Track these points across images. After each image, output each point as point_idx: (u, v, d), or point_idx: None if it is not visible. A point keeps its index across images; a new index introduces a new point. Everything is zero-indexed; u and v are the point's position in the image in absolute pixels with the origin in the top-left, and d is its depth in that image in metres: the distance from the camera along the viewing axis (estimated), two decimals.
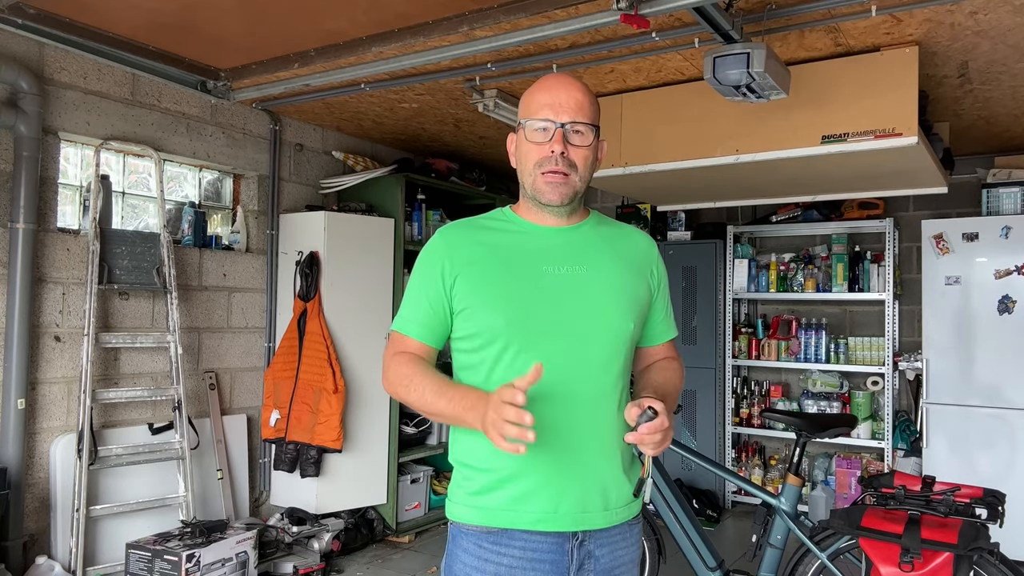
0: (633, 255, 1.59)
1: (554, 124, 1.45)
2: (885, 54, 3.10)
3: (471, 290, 1.47)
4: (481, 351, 1.47)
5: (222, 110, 4.13)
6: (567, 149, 1.46)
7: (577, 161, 1.47)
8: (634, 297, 1.53)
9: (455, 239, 1.53)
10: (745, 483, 3.06)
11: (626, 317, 1.50)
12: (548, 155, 1.45)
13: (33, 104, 3.24)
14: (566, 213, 1.53)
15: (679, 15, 2.82)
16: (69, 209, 3.62)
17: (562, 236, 1.54)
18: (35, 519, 3.33)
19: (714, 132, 3.46)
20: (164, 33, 3.31)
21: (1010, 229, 4.30)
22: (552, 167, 1.45)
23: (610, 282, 1.51)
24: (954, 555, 2.30)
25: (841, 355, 5.15)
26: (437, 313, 1.50)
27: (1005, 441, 4.25)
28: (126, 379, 3.69)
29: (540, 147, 1.47)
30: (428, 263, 1.53)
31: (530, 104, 1.50)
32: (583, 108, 1.48)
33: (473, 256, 1.50)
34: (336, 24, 3.13)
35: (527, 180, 1.50)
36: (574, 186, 1.48)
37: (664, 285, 1.65)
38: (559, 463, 1.44)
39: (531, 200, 1.53)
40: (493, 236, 1.54)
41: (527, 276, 1.47)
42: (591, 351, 1.46)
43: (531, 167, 1.48)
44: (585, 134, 1.48)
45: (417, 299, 1.52)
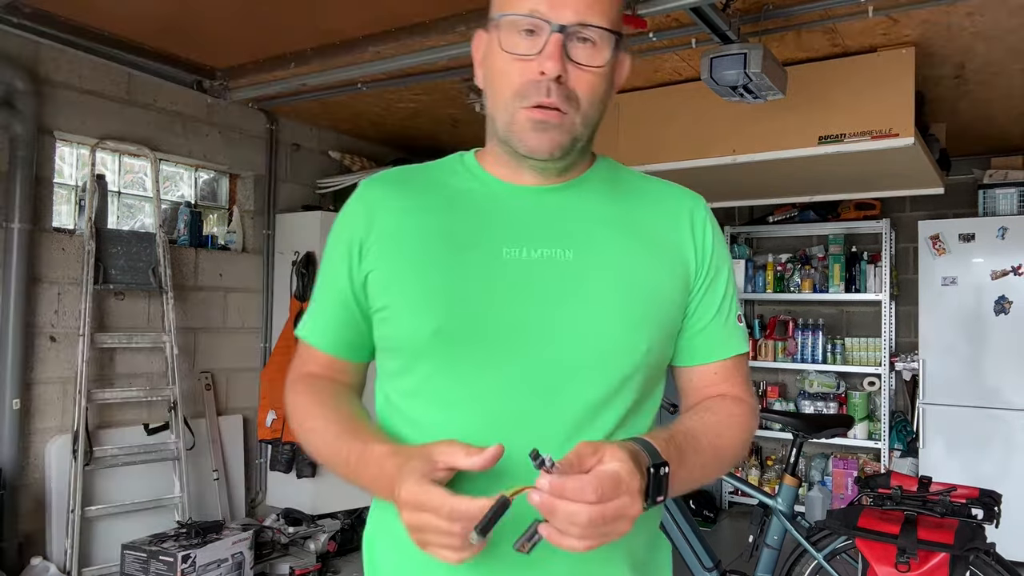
0: (659, 226, 1.01)
1: (548, 25, 0.89)
2: (882, 55, 3.10)
3: (390, 278, 0.96)
4: (402, 378, 0.97)
5: (218, 110, 4.12)
6: (567, 70, 0.90)
7: (581, 92, 0.91)
8: (654, 297, 0.96)
9: (379, 198, 1.01)
10: (742, 483, 3.06)
11: (637, 331, 0.94)
12: (536, 78, 0.89)
13: (28, 103, 3.23)
14: (556, 170, 0.98)
15: (676, 16, 2.82)
16: (65, 209, 3.61)
17: (541, 200, 0.98)
18: (30, 520, 3.31)
19: (711, 133, 3.47)
20: (160, 32, 3.31)
21: (1006, 230, 4.31)
22: (541, 99, 0.90)
23: (611, 274, 0.95)
24: (950, 555, 2.30)
25: (838, 356, 5.16)
26: (347, 308, 1.00)
27: (1002, 441, 4.26)
28: (122, 379, 3.67)
29: (523, 63, 0.90)
30: (337, 235, 1.02)
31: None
32: (599, 1, 0.91)
33: (401, 226, 0.97)
34: (333, 24, 3.12)
35: (500, 114, 0.94)
36: (573, 130, 0.93)
37: (721, 271, 1.03)
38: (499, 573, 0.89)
39: (503, 146, 0.96)
40: (437, 196, 1.00)
41: (476, 261, 0.93)
42: (571, 391, 0.91)
43: (508, 97, 0.92)
44: (599, 45, 0.91)
45: (324, 295, 1.03)
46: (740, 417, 0.99)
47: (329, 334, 1.03)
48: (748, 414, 1.01)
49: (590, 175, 1.03)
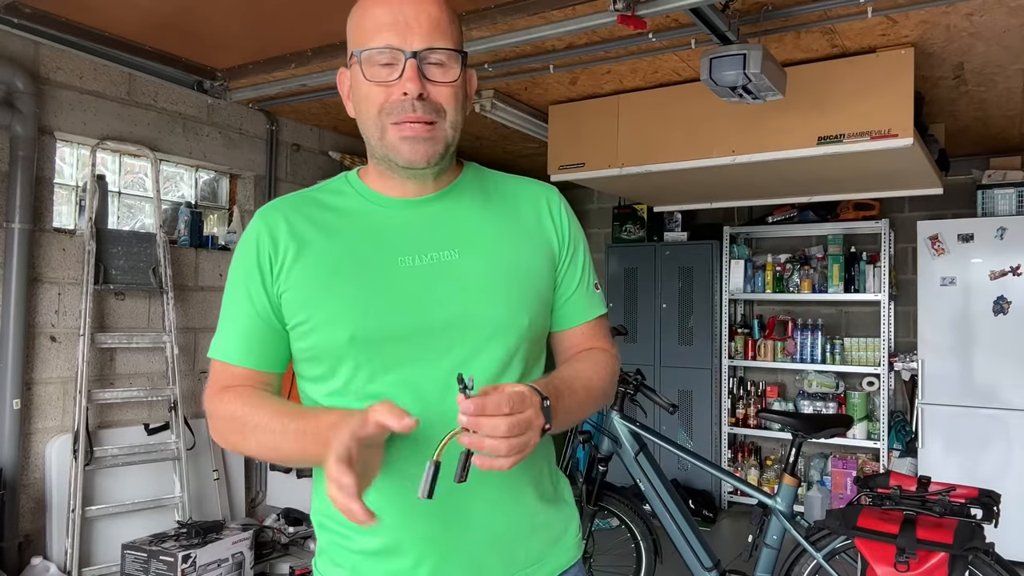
0: (524, 216, 1.17)
1: (403, 53, 1.01)
2: (881, 55, 3.11)
3: (304, 297, 1.07)
4: (327, 381, 1.08)
5: (218, 110, 4.12)
6: (426, 88, 1.02)
7: (444, 103, 1.05)
8: (528, 278, 1.13)
9: (281, 224, 1.10)
10: (741, 483, 3.06)
11: (518, 310, 1.09)
12: (399, 99, 1.02)
13: (29, 104, 3.23)
14: (432, 175, 1.12)
15: (676, 16, 2.83)
16: (65, 209, 3.61)
17: (426, 210, 1.12)
18: (30, 520, 3.32)
19: (710, 133, 3.47)
20: (161, 33, 3.31)
21: (1005, 230, 4.32)
22: (407, 115, 1.02)
23: (492, 265, 1.10)
24: (949, 555, 2.30)
25: (837, 356, 5.16)
26: (267, 323, 1.09)
27: (1000, 441, 4.27)
28: (122, 379, 3.68)
29: (386, 88, 1.03)
30: (245, 259, 1.11)
31: (363, 23, 1.05)
32: (440, 26, 1.04)
33: (305, 248, 1.08)
34: (333, 24, 3.12)
35: (373, 133, 1.07)
36: (444, 138, 1.06)
37: (578, 247, 1.20)
38: (436, 525, 1.05)
39: (382, 162, 1.10)
40: (331, 217, 1.12)
41: (377, 273, 1.07)
42: (476, 363, 1.06)
43: (375, 115, 1.05)
44: (448, 64, 1.05)
45: (235, 312, 1.11)
46: (605, 362, 1.20)
47: (248, 349, 1.10)
48: (611, 359, 1.22)
49: (461, 181, 1.18)
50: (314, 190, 1.18)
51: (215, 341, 1.13)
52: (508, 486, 1.10)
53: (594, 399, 1.15)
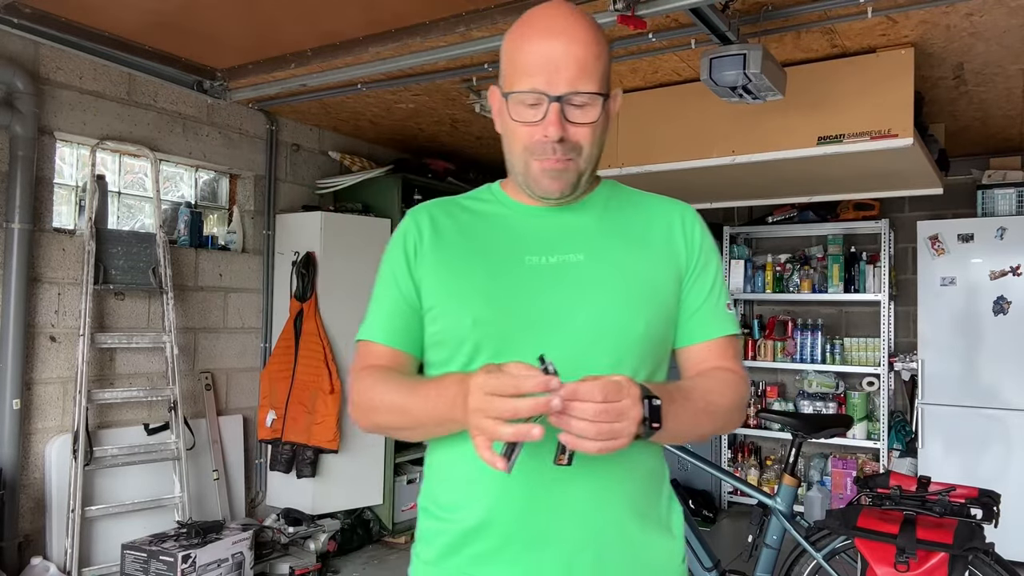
0: (653, 232, 1.21)
1: (546, 97, 1.07)
2: (881, 55, 3.11)
3: (437, 283, 1.17)
4: (447, 365, 1.16)
5: (218, 110, 4.12)
6: (566, 129, 1.09)
7: (582, 141, 1.11)
8: (650, 287, 1.16)
9: (426, 220, 1.23)
10: (741, 483, 3.06)
11: (635, 314, 1.13)
12: (542, 140, 1.09)
13: (29, 104, 3.23)
14: (568, 201, 1.21)
15: (676, 16, 2.83)
16: (65, 209, 3.61)
17: (557, 217, 1.20)
18: (30, 520, 3.32)
19: (710, 133, 3.47)
20: (161, 33, 3.31)
21: (1005, 230, 4.32)
22: (547, 156, 1.10)
23: (614, 270, 1.15)
24: (949, 555, 2.30)
25: (837, 356, 5.16)
26: (412, 307, 1.19)
27: (1000, 442, 4.27)
28: (122, 379, 3.68)
29: (530, 127, 1.10)
30: (394, 249, 1.23)
31: (514, 62, 1.12)
32: (586, 69, 1.08)
33: (445, 241, 1.20)
34: (333, 24, 3.12)
35: (516, 163, 1.15)
36: (578, 171, 1.13)
37: (709, 264, 1.22)
38: (534, 514, 1.09)
39: (522, 186, 1.19)
40: (472, 218, 1.23)
41: (504, 268, 1.15)
42: (587, 360, 1.07)
43: (520, 151, 1.13)
44: (590, 105, 1.10)
45: (383, 295, 1.23)
46: (730, 382, 1.17)
47: (392, 331, 1.20)
48: (738, 381, 1.18)
49: (595, 195, 1.24)
50: (460, 196, 1.29)
51: (362, 325, 1.23)
52: (609, 491, 1.12)
53: (713, 416, 1.13)
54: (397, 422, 1.13)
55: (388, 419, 1.15)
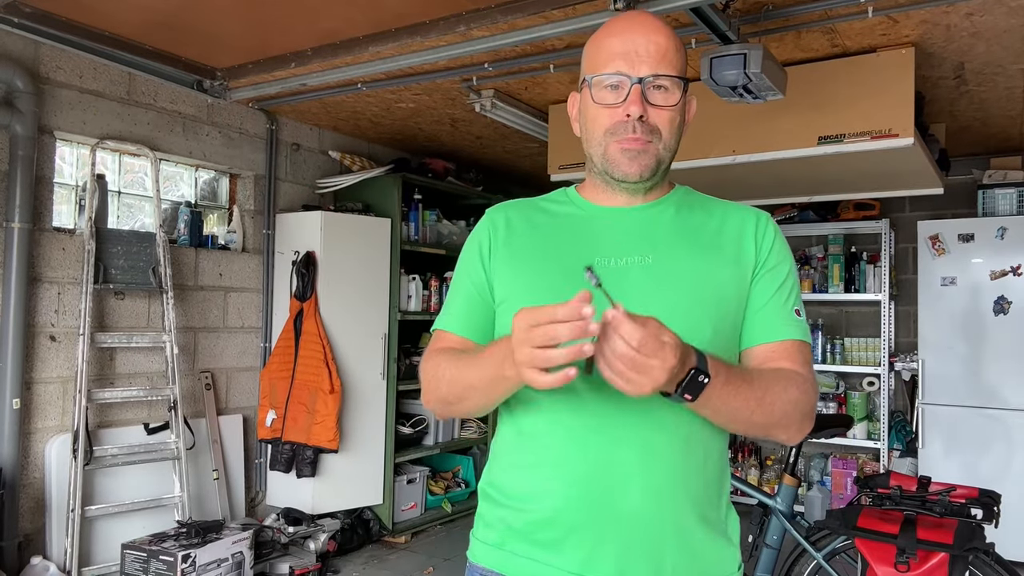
0: (725, 237, 1.21)
1: (629, 79, 1.13)
2: (881, 55, 3.11)
3: (510, 278, 1.22)
4: None
5: (218, 110, 4.12)
6: (647, 111, 1.13)
7: (661, 126, 1.15)
8: (718, 292, 1.16)
9: (501, 219, 1.28)
10: (741, 483, 3.06)
11: (702, 318, 1.13)
12: (623, 120, 1.13)
13: (29, 103, 3.23)
14: (643, 190, 1.21)
15: (676, 16, 2.83)
16: (65, 208, 3.61)
17: (629, 219, 1.22)
18: (30, 519, 3.32)
19: (711, 133, 3.47)
20: (161, 32, 3.31)
21: (1005, 230, 4.31)
22: (628, 135, 1.14)
23: (683, 274, 1.16)
24: (950, 555, 2.30)
25: (837, 356, 5.16)
26: (482, 297, 1.25)
27: (1001, 442, 4.26)
28: (122, 379, 3.68)
29: (612, 110, 1.14)
30: (471, 245, 1.30)
31: (597, 54, 1.17)
32: (667, 56, 1.14)
33: (518, 241, 1.24)
34: (333, 24, 3.12)
35: (596, 151, 1.19)
36: (656, 155, 1.16)
37: (779, 267, 1.21)
38: (599, 509, 1.11)
39: (600, 176, 1.21)
40: (546, 219, 1.27)
41: (575, 267, 1.12)
42: None
43: (600, 135, 1.17)
44: (670, 89, 1.15)
45: (458, 288, 1.28)
46: (795, 381, 1.12)
47: (464, 320, 1.25)
48: (803, 381, 1.14)
49: (668, 197, 1.25)
50: (536, 199, 1.33)
51: (439, 317, 1.29)
52: (668, 494, 1.12)
53: (767, 405, 1.08)
54: (457, 392, 1.15)
55: (449, 391, 1.17)
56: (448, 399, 1.18)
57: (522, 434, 1.18)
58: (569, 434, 1.13)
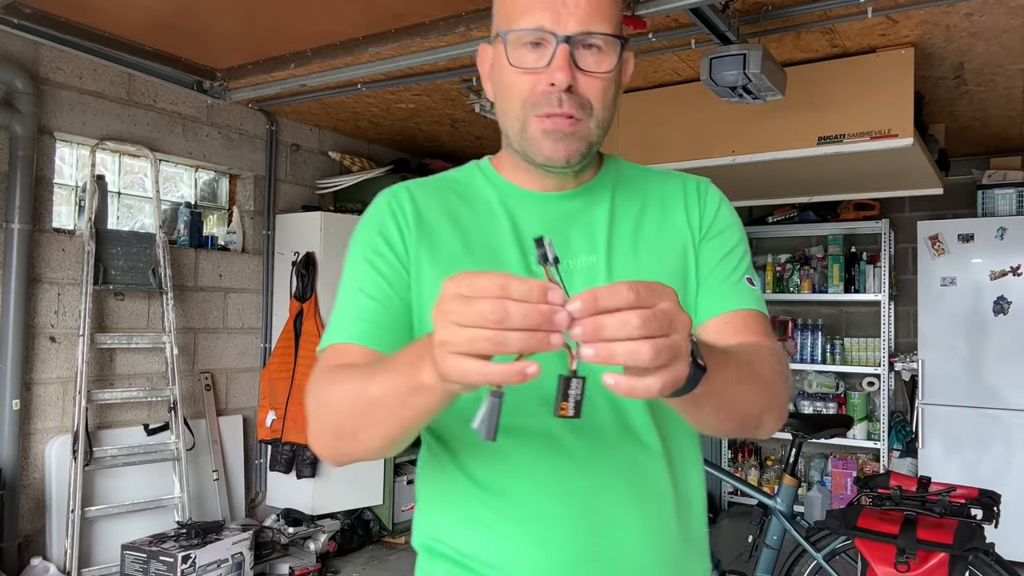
0: (666, 216, 1.02)
1: (554, 37, 0.88)
2: (881, 55, 3.11)
3: (427, 288, 0.95)
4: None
5: (218, 110, 4.12)
6: (576, 79, 0.89)
7: (593, 98, 0.91)
8: (678, 287, 0.93)
9: (407, 204, 0.99)
10: (741, 484, 3.06)
11: None
12: (546, 90, 0.89)
13: (28, 104, 3.23)
14: (573, 173, 1.00)
15: (676, 16, 2.83)
16: (64, 209, 3.61)
17: (563, 207, 1.00)
18: (30, 520, 3.32)
19: (710, 133, 3.47)
20: (160, 33, 3.31)
21: (1005, 230, 4.31)
22: (552, 108, 0.90)
23: (634, 272, 0.97)
24: (949, 555, 2.30)
25: (837, 356, 5.16)
26: (400, 302, 0.95)
27: (1001, 442, 4.26)
28: (121, 380, 3.68)
29: (532, 76, 0.90)
30: (370, 235, 0.98)
31: (513, 2, 0.93)
32: (600, 8, 0.90)
33: (434, 236, 0.97)
34: (333, 24, 3.12)
35: (512, 125, 0.94)
36: (587, 136, 0.93)
37: (725, 234, 1.02)
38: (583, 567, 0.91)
39: (519, 155, 0.97)
40: (464, 207, 1.00)
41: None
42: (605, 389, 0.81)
43: (518, 107, 0.92)
44: (605, 51, 0.91)
45: (357, 289, 0.96)
46: (765, 351, 0.91)
47: (372, 327, 0.93)
48: (774, 350, 0.93)
49: (603, 176, 1.04)
50: (445, 176, 1.06)
51: (327, 331, 0.97)
52: (665, 529, 0.96)
53: (760, 384, 0.85)
54: (357, 416, 0.81)
55: (344, 416, 0.82)
56: (343, 428, 0.83)
57: (478, 484, 0.94)
58: (546, 486, 0.91)
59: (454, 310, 0.62)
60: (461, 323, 0.61)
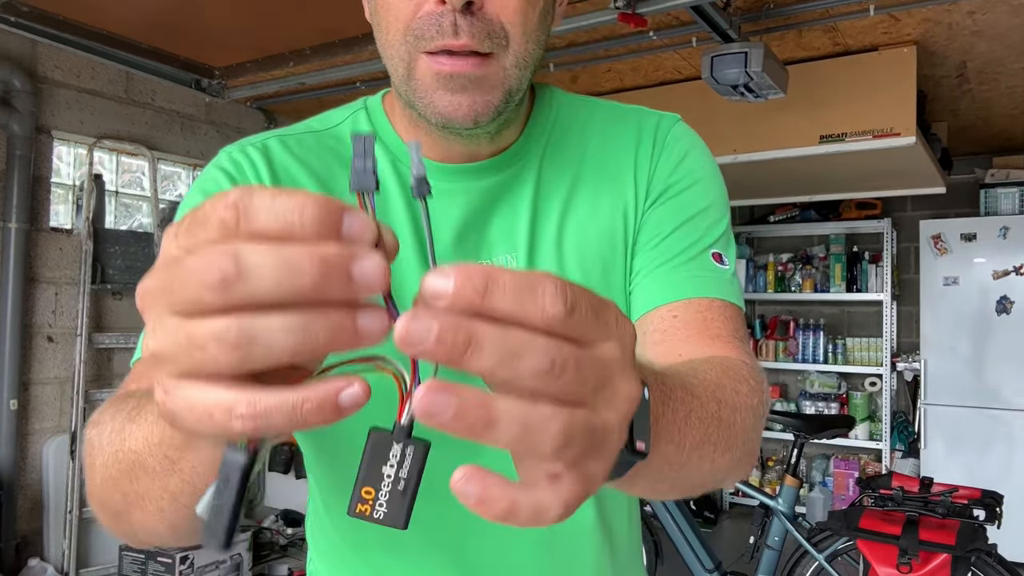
0: (606, 176, 0.74)
1: None
2: (883, 54, 3.09)
3: None
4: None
5: (216, 109, 4.11)
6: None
7: (507, 20, 0.62)
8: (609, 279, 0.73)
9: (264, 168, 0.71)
10: (742, 484, 3.05)
11: None
12: (432, 10, 0.61)
13: (26, 102, 3.22)
14: (488, 135, 0.70)
15: (677, 14, 2.81)
16: (62, 208, 3.60)
17: (475, 185, 0.72)
18: (28, 521, 3.30)
19: (712, 132, 3.44)
20: (158, 31, 3.30)
21: (1008, 229, 4.30)
22: (446, 40, 0.61)
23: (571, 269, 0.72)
24: (952, 556, 2.29)
25: (839, 356, 5.14)
26: None
27: (1003, 442, 4.25)
28: (119, 380, 3.65)
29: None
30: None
31: None
32: None
33: None
34: (332, 22, 3.11)
35: (395, 65, 0.65)
36: (505, 81, 0.63)
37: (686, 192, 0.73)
38: None
39: (410, 108, 0.67)
40: (341, 178, 0.72)
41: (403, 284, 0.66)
42: None
43: (399, 36, 0.63)
44: None
45: None
46: (739, 374, 0.60)
47: None
48: (750, 373, 0.62)
49: (529, 136, 0.74)
50: (321, 131, 0.77)
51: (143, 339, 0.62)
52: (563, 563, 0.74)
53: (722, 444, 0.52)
54: (121, 489, 0.48)
55: (106, 491, 0.50)
56: (106, 502, 0.51)
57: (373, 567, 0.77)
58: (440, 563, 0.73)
59: (161, 284, 0.30)
60: (174, 308, 0.30)
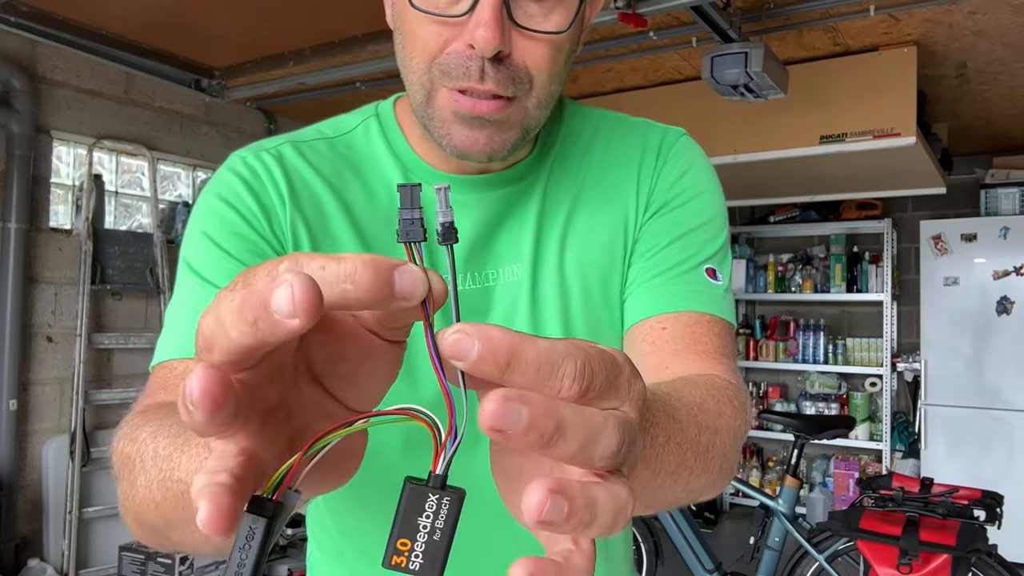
0: (609, 193, 0.76)
1: None
2: (884, 54, 3.09)
3: None
4: None
5: (216, 109, 4.11)
6: (510, 40, 0.61)
7: (533, 67, 0.63)
8: (611, 297, 0.75)
9: (281, 179, 0.75)
10: (743, 485, 3.04)
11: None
12: (462, 51, 0.61)
13: (25, 102, 3.22)
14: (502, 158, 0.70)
15: (677, 14, 2.81)
16: (61, 209, 3.59)
17: (485, 196, 0.73)
18: (27, 521, 3.30)
19: (712, 132, 3.45)
20: (158, 31, 3.29)
21: (1008, 230, 4.29)
22: (471, 83, 0.61)
23: (573, 286, 0.74)
24: (952, 557, 2.28)
25: (839, 356, 5.14)
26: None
27: (1003, 443, 4.24)
28: (119, 380, 3.66)
29: (444, 27, 0.62)
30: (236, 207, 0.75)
31: None
32: None
33: (325, 228, 0.72)
34: (331, 22, 3.11)
35: (416, 90, 0.66)
36: (524, 121, 0.66)
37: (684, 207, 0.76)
38: None
39: (424, 129, 0.69)
40: (363, 197, 0.74)
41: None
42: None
43: (424, 64, 0.64)
44: (560, 4, 0.63)
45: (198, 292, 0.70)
46: (724, 394, 0.60)
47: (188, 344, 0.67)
48: (735, 394, 0.62)
49: (542, 148, 0.76)
50: (335, 140, 0.78)
51: (163, 342, 0.73)
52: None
53: (699, 468, 0.53)
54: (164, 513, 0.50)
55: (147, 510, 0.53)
56: (144, 520, 0.55)
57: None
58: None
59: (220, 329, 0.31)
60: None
